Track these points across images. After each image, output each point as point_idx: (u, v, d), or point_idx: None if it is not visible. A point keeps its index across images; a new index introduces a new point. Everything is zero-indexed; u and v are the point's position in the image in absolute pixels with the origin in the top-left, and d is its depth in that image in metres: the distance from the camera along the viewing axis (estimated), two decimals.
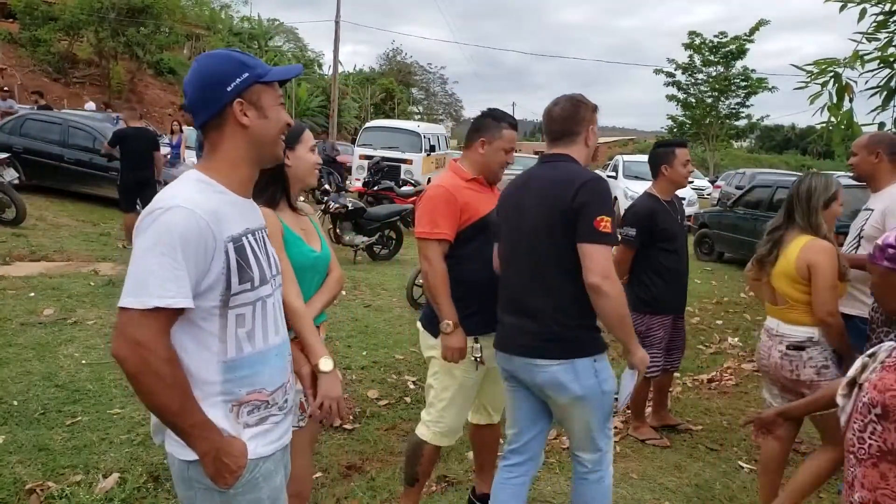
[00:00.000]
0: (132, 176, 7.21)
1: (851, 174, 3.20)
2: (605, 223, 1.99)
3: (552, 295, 2.10)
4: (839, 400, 1.71)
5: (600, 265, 1.97)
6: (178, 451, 1.32)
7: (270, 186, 1.90)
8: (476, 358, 2.41)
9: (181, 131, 13.05)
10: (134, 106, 9.72)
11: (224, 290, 1.28)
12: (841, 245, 3.03)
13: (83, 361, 3.91)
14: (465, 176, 2.47)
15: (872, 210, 2.98)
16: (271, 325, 1.39)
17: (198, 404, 1.26)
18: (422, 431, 2.56)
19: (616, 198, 13.23)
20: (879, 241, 1.65)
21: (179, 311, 1.22)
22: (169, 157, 12.15)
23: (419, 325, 2.63)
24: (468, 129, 2.64)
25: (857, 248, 3.00)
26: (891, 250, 1.61)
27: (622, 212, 3.79)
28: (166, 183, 1.45)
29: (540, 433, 2.32)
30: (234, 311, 1.30)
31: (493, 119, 2.48)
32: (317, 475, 2.99)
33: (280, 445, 1.44)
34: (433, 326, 2.48)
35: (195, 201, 1.25)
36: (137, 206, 6.97)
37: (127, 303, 1.18)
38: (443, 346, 2.39)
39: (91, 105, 16.19)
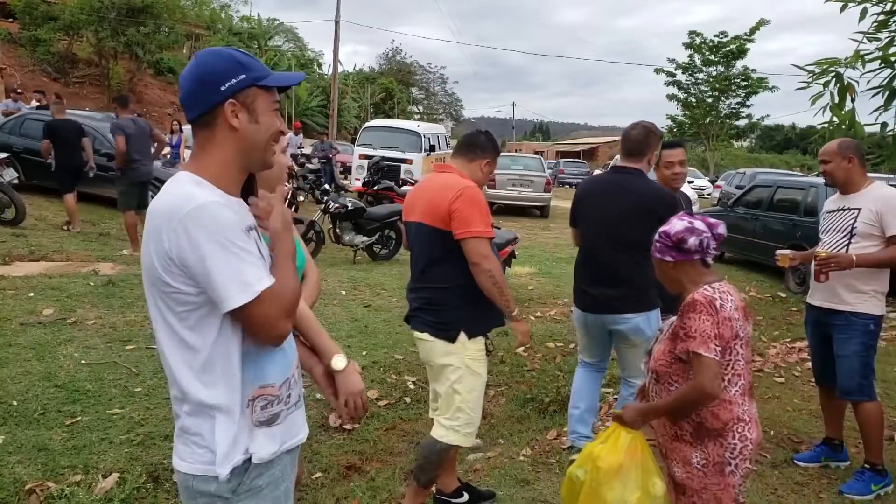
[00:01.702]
0: (68, 162, 8.12)
1: (825, 181, 3.27)
2: None
3: (632, 268, 2.93)
4: (642, 366, 2.22)
5: None
6: (179, 463, 1.32)
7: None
8: (490, 351, 2.61)
9: (181, 131, 13.06)
10: (59, 100, 9.96)
11: None
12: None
13: (83, 361, 3.91)
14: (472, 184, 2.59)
15: (858, 209, 3.07)
16: None
17: None
18: (451, 437, 2.54)
19: None
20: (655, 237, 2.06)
21: None
22: (168, 156, 12.16)
23: (426, 335, 2.54)
24: (469, 141, 2.72)
25: (847, 245, 3.07)
26: (658, 244, 2.04)
27: None
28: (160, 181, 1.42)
29: (607, 356, 3.37)
30: None
31: (493, 144, 2.72)
32: (316, 475, 2.99)
33: (289, 445, 1.40)
34: (448, 333, 2.48)
35: (206, 195, 1.24)
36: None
37: (240, 300, 1.22)
38: (519, 331, 2.65)
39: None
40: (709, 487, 1.89)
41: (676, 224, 1.99)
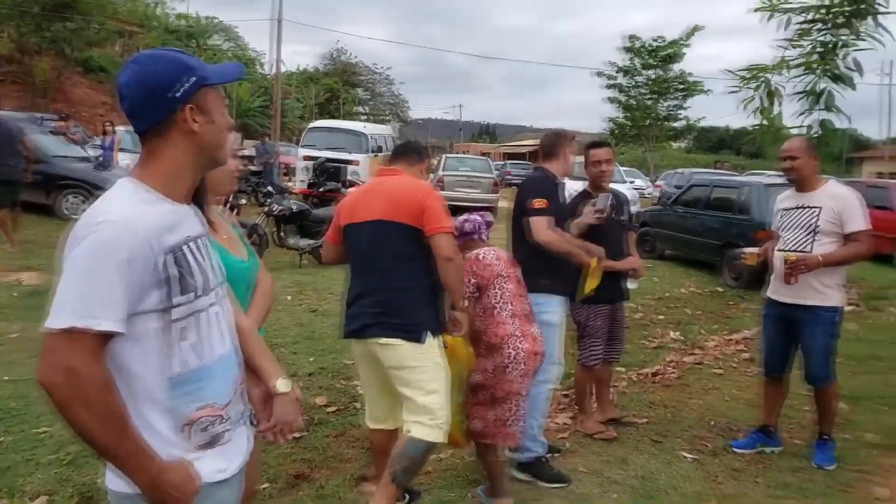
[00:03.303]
0: None
1: (788, 177, 3.41)
2: (537, 203, 3.11)
3: (522, 253, 3.13)
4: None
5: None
6: (112, 483, 1.25)
7: None
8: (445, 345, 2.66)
9: (114, 132, 12.42)
10: None
11: (164, 302, 1.20)
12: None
13: (5, 378, 3.67)
14: None
15: (819, 207, 3.22)
16: (217, 336, 1.32)
17: (134, 433, 1.16)
18: (436, 435, 2.51)
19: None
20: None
21: (109, 335, 1.13)
22: (100, 158, 11.57)
23: (396, 340, 2.49)
24: (408, 148, 2.88)
25: (811, 243, 3.22)
26: (455, 232, 2.70)
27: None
28: (97, 187, 1.35)
29: None
30: (177, 323, 1.23)
31: (426, 152, 2.95)
32: (264, 486, 2.90)
33: (236, 468, 1.35)
34: (418, 334, 2.49)
35: (132, 214, 1.17)
36: None
37: (49, 324, 1.10)
38: (463, 320, 2.69)
39: None
40: (498, 384, 2.68)
41: (459, 218, 2.89)
